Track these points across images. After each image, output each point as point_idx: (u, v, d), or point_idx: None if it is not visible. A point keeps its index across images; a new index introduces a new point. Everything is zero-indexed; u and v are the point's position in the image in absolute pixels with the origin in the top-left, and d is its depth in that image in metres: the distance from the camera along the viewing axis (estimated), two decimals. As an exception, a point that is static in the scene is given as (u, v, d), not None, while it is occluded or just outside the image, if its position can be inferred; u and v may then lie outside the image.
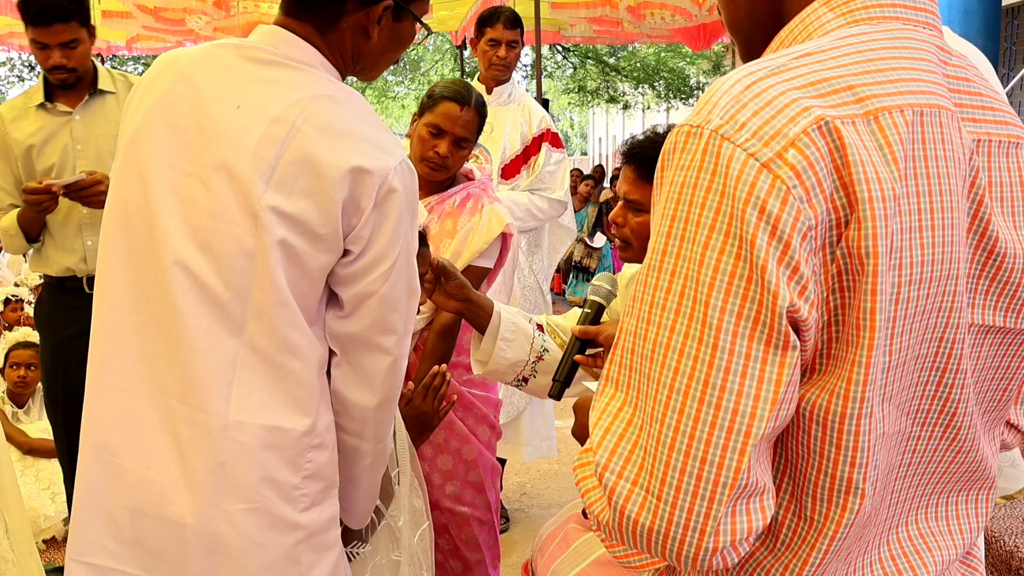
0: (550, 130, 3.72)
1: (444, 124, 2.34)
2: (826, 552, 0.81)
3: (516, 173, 3.65)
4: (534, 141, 3.68)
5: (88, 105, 2.87)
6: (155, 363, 1.30)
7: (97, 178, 2.65)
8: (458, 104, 2.34)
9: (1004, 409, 0.95)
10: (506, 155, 3.64)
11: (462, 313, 1.94)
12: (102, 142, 2.85)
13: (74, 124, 2.85)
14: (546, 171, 3.64)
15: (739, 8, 0.95)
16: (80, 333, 2.72)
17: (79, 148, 2.84)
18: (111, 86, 2.92)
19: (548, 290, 3.87)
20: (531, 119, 3.69)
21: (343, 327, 1.37)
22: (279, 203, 1.27)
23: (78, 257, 2.85)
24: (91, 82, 2.89)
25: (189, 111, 1.33)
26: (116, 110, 2.88)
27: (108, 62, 12.90)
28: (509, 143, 3.64)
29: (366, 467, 1.50)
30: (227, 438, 1.28)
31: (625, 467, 0.78)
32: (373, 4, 1.38)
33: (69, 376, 2.78)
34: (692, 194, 0.75)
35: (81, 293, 2.84)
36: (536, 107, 3.77)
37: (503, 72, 3.63)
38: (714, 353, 0.73)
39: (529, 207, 3.60)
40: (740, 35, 0.98)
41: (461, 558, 2.49)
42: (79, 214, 2.83)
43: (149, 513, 1.29)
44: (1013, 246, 0.86)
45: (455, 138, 2.36)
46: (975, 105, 0.86)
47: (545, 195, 3.65)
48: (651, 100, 18.91)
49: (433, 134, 2.35)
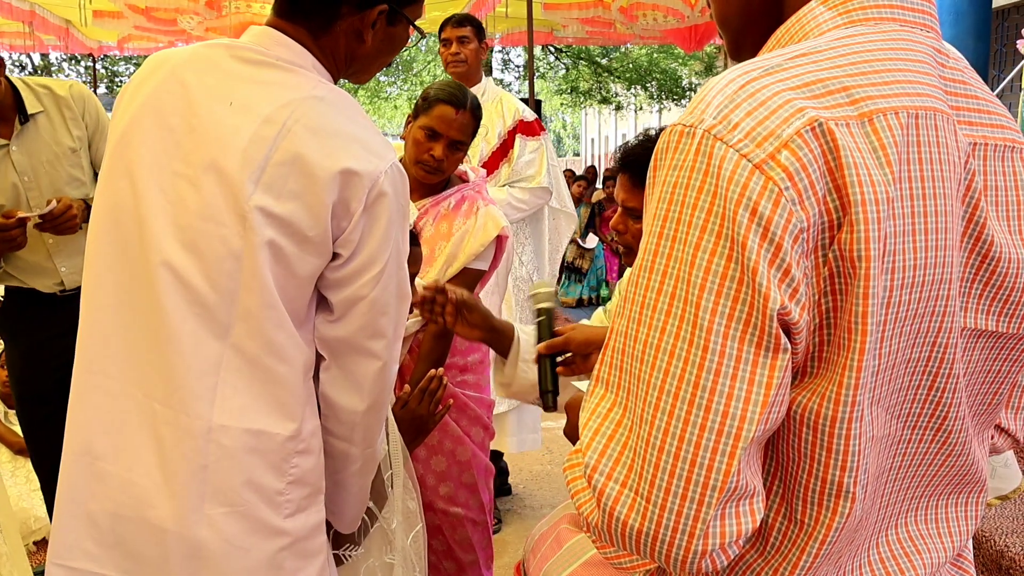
0: (523, 120, 3.77)
1: (439, 127, 2.33)
2: (816, 555, 0.80)
3: (496, 168, 3.72)
4: (509, 135, 3.74)
5: (23, 134, 2.64)
6: (140, 365, 1.29)
7: (67, 203, 2.51)
8: (454, 107, 2.33)
9: (994, 413, 0.95)
10: (484, 153, 3.70)
11: (485, 341, 1.95)
12: (49, 168, 2.66)
13: (13, 156, 2.63)
14: (523, 161, 3.71)
15: (732, 4, 0.95)
16: (52, 337, 2.69)
17: (27, 180, 2.64)
18: (37, 105, 2.69)
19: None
20: (505, 114, 3.75)
21: (332, 331, 1.36)
22: (268, 204, 1.26)
23: (54, 281, 2.71)
24: (15, 108, 2.65)
25: (179, 110, 1.32)
26: (49, 127, 2.69)
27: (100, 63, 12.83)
28: (486, 142, 3.70)
29: (355, 472, 1.49)
30: (210, 441, 1.26)
31: (614, 469, 0.77)
32: (368, 8, 1.37)
33: (41, 381, 2.67)
34: (684, 194, 0.74)
35: (54, 299, 2.72)
36: (509, 100, 3.83)
37: (460, 67, 3.69)
38: (704, 355, 0.72)
39: (509, 201, 3.65)
40: (730, 30, 0.97)
41: (455, 559, 2.49)
42: (44, 244, 2.66)
43: (130, 517, 1.28)
44: (1009, 251, 0.85)
45: (450, 141, 2.35)
46: (972, 108, 0.85)
47: (524, 185, 3.69)
48: (643, 101, 18.93)
49: (428, 136, 2.34)
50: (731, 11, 0.95)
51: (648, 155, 1.77)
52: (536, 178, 3.72)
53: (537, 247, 3.96)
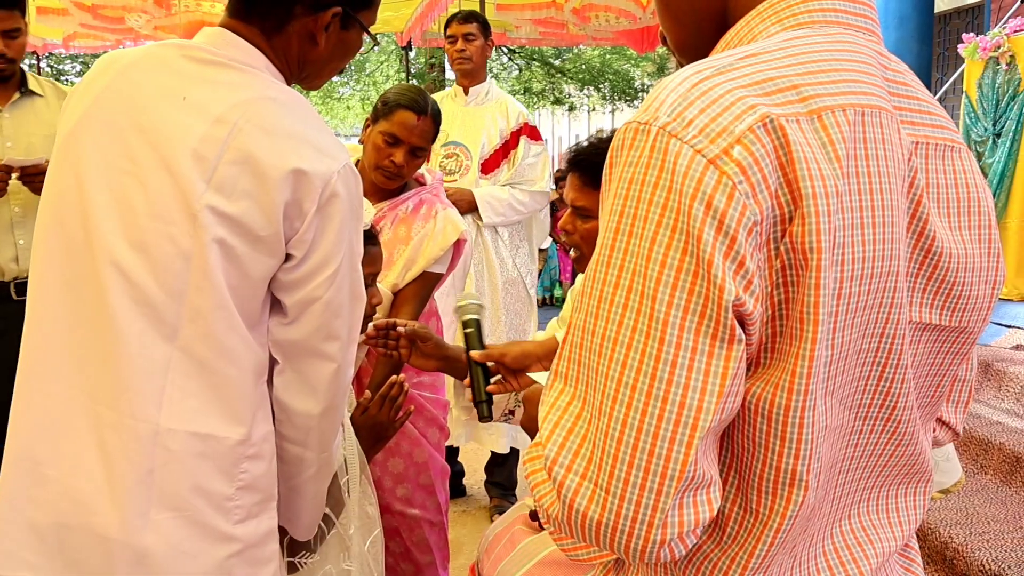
0: (528, 123, 3.81)
1: (400, 133, 2.32)
2: (771, 544, 0.82)
3: (496, 167, 3.72)
4: (512, 136, 3.76)
5: (18, 104, 2.82)
6: (85, 367, 1.26)
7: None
8: (415, 113, 2.32)
9: (937, 405, 0.98)
10: (485, 151, 3.72)
11: (441, 370, 1.96)
12: (34, 140, 2.79)
13: (3, 121, 2.79)
14: (526, 163, 3.72)
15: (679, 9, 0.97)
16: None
17: (9, 145, 2.77)
18: (39, 89, 2.88)
19: (532, 284, 3.90)
20: (509, 115, 3.78)
21: (286, 334, 1.35)
22: (219, 204, 1.25)
23: (9, 256, 2.75)
24: (19, 82, 2.85)
25: (128, 110, 1.30)
26: (46, 112, 2.83)
27: (44, 60, 12.57)
28: (487, 139, 3.72)
29: (310, 477, 1.48)
30: (157, 445, 1.24)
31: (574, 461, 0.78)
32: (321, 10, 1.37)
33: None
34: (640, 190, 0.75)
35: (8, 300, 2.73)
36: (514, 104, 3.86)
37: (466, 64, 3.71)
38: (660, 347, 0.73)
39: (510, 201, 3.65)
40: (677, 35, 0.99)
41: (412, 560, 2.48)
42: (9, 211, 2.74)
43: (72, 525, 1.24)
44: (949, 246, 0.88)
45: (411, 147, 2.34)
46: (913, 109, 0.88)
47: (526, 188, 3.71)
48: (596, 102, 19.02)
49: (388, 143, 2.32)
50: (679, 16, 0.97)
51: (598, 155, 1.80)
52: (538, 182, 3.75)
53: (531, 250, 3.97)
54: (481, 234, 3.72)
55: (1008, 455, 3.47)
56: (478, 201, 3.62)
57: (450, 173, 3.73)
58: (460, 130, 3.78)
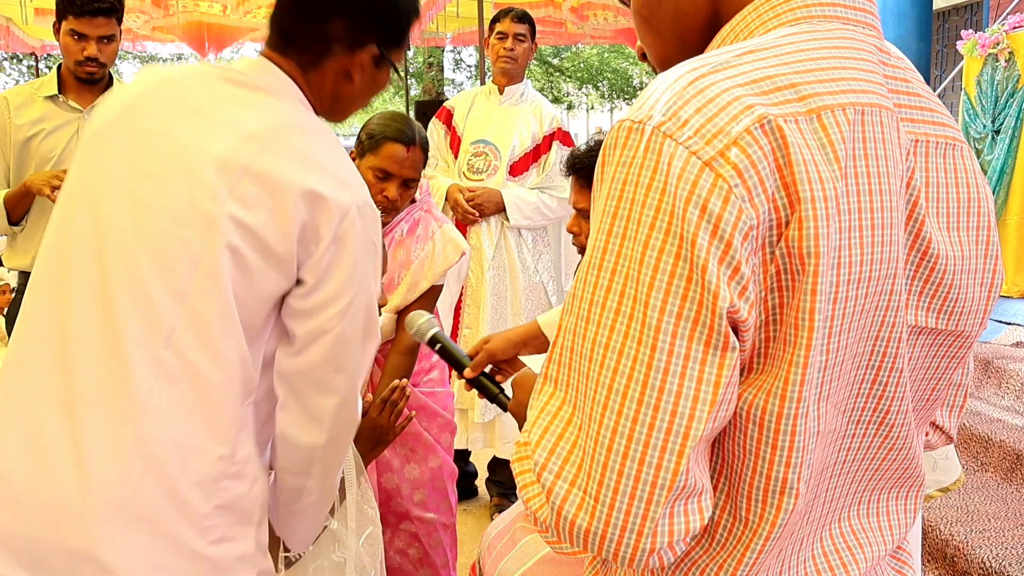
0: (561, 128, 3.74)
1: (391, 167, 2.28)
2: (760, 551, 0.81)
3: (525, 170, 3.66)
4: (545, 139, 3.69)
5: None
6: (71, 364, 1.24)
7: None
8: (403, 144, 2.27)
9: (932, 410, 0.96)
10: (515, 153, 3.65)
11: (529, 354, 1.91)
12: None
13: (84, 123, 2.84)
14: (557, 169, 3.63)
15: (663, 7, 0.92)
16: None
17: None
18: None
19: (554, 292, 3.81)
20: (543, 118, 3.71)
21: (292, 364, 1.35)
22: (239, 214, 1.26)
23: None
24: (106, 86, 2.95)
25: (160, 116, 1.33)
26: None
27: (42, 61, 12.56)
28: (519, 141, 3.65)
29: (311, 504, 1.47)
30: (137, 452, 1.22)
31: (563, 467, 0.77)
32: (359, 49, 1.42)
33: None
34: (633, 191, 0.74)
35: None
36: (548, 107, 3.78)
37: (509, 64, 3.63)
38: (652, 354, 0.72)
39: (538, 205, 3.61)
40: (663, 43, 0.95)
41: (430, 564, 2.51)
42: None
43: (43, 538, 1.21)
44: (944, 248, 0.86)
45: (403, 180, 2.31)
46: (913, 106, 0.86)
47: (555, 194, 3.65)
48: (595, 100, 19.01)
49: (380, 178, 2.29)
50: (660, 30, 0.93)
51: (595, 159, 1.80)
52: (568, 189, 3.70)
53: (555, 256, 3.92)
54: (505, 237, 3.64)
55: (1008, 452, 3.46)
56: (506, 202, 3.55)
57: (477, 172, 3.64)
58: (491, 129, 3.69)
